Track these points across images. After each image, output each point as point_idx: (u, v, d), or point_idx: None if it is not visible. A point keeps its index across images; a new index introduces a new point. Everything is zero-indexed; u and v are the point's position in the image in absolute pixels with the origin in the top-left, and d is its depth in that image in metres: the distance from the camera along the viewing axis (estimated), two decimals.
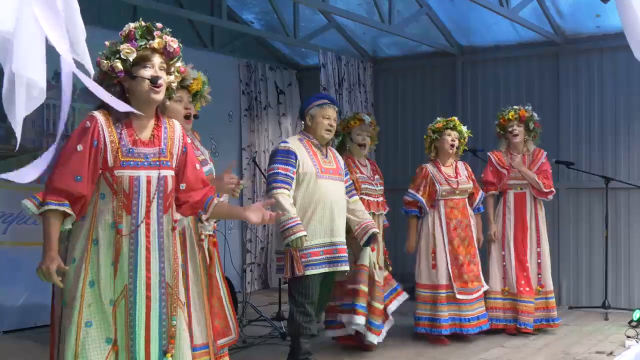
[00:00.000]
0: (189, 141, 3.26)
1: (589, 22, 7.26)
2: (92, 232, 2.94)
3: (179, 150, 3.14)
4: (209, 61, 7.70)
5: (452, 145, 5.96)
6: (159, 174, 3.03)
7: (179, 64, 3.11)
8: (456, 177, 5.98)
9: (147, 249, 2.98)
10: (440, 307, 5.80)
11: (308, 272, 4.76)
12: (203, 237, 3.97)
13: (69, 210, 2.87)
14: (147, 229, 2.99)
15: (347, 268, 4.97)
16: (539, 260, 6.19)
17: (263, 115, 8.73)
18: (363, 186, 5.57)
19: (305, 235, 4.71)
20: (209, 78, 4.29)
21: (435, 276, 5.85)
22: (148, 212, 2.99)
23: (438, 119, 6.06)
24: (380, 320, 5.47)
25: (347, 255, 4.97)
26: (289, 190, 4.78)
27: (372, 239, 5.22)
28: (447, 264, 5.85)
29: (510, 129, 6.20)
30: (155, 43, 2.99)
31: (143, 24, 3.00)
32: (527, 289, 6.06)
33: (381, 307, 5.46)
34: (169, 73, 3.07)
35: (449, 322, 5.81)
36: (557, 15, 7.34)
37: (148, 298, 2.97)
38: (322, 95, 5.13)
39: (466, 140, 6.12)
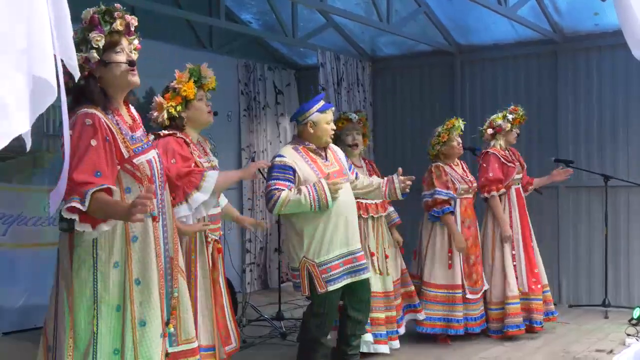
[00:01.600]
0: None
1: (588, 20, 7.25)
2: (127, 230, 2.86)
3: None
4: (208, 61, 7.58)
5: (460, 148, 5.96)
6: (156, 152, 3.06)
7: (136, 41, 3.02)
8: (467, 176, 6.00)
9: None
10: (456, 307, 5.77)
11: (331, 288, 4.50)
12: (209, 240, 3.97)
13: (112, 187, 2.77)
14: (160, 209, 3.03)
15: (369, 275, 4.76)
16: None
17: (262, 115, 8.72)
18: None
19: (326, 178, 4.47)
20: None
21: (451, 276, 5.80)
22: (160, 192, 3.02)
23: (439, 129, 5.93)
24: (385, 329, 5.37)
25: (366, 262, 4.74)
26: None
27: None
28: (461, 264, 5.84)
29: (517, 132, 6.20)
30: (119, 25, 2.89)
31: (103, 7, 2.90)
32: (538, 286, 6.04)
33: (383, 315, 5.35)
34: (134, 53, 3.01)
35: (464, 322, 5.81)
36: (555, 14, 7.34)
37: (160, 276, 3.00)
38: (320, 97, 4.84)
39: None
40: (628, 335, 5.87)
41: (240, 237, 8.31)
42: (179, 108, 3.97)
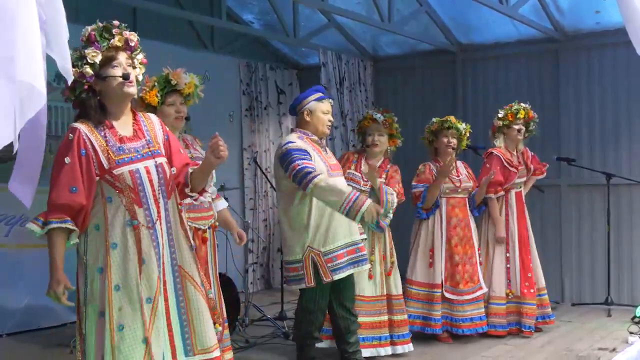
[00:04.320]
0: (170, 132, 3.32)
1: (589, 18, 7.25)
2: (108, 237, 2.96)
3: (163, 138, 3.21)
4: (209, 62, 7.70)
5: (449, 146, 5.91)
6: (155, 162, 3.10)
7: (140, 56, 3.14)
8: (458, 176, 5.97)
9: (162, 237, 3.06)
10: (434, 307, 5.76)
11: (336, 277, 4.54)
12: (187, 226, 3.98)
13: (71, 226, 2.92)
14: (159, 218, 3.05)
15: (368, 266, 4.87)
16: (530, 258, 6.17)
17: (264, 115, 8.73)
18: None
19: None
20: (210, 79, 4.31)
21: (432, 275, 5.81)
22: (156, 201, 3.05)
23: (433, 119, 6.01)
24: (406, 329, 5.38)
25: (366, 253, 4.82)
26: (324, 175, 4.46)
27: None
28: (443, 263, 5.82)
29: (518, 128, 6.15)
30: (117, 41, 3.04)
31: (100, 24, 3.05)
32: (532, 290, 6.02)
33: (404, 317, 5.37)
34: (133, 67, 3.11)
35: (442, 320, 5.79)
36: (556, 12, 7.33)
37: (164, 283, 3.03)
38: (318, 89, 4.87)
39: (467, 136, 6.05)
40: (631, 333, 5.88)
41: None
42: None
